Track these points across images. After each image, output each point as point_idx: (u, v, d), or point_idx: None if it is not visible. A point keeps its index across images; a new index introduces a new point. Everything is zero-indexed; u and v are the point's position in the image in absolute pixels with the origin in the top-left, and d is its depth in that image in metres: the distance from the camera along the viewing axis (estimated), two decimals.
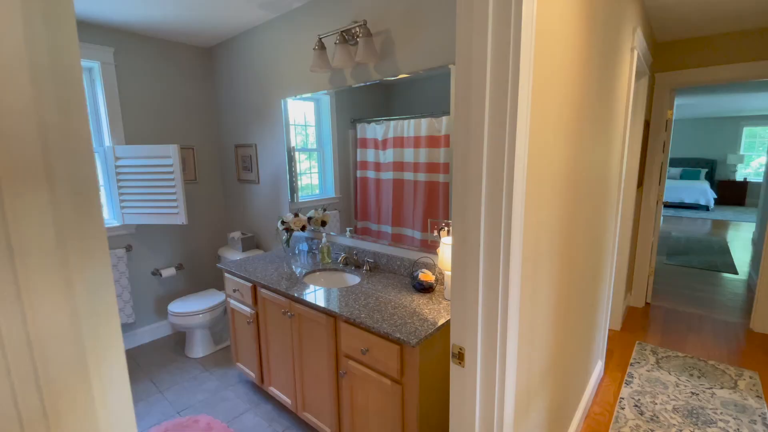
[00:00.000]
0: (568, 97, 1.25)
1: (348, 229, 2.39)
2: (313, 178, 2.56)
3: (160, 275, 3.09)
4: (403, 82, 1.86)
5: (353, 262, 2.24)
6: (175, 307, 2.77)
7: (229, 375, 2.61)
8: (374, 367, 1.52)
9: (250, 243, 3.08)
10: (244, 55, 2.91)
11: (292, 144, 2.62)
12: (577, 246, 1.56)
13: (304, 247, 2.66)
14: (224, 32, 2.87)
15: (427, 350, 1.42)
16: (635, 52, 2.11)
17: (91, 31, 2.62)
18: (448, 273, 1.69)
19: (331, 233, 2.49)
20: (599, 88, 1.60)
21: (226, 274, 2.34)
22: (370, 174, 2.02)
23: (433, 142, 1.79)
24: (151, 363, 2.78)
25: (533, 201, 1.06)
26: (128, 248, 2.93)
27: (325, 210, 2.54)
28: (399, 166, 1.95)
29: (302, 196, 2.61)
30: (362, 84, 2.08)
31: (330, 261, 2.36)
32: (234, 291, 2.31)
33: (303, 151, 2.58)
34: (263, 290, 2.06)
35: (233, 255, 3.02)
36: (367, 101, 1.97)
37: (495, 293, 0.94)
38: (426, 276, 1.80)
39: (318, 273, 2.22)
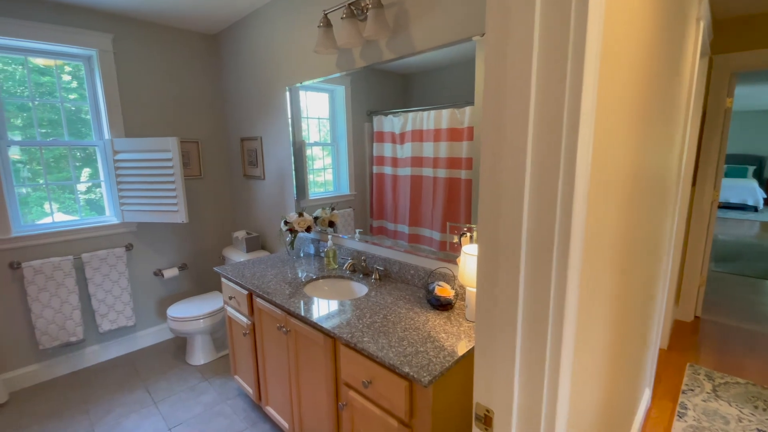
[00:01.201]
0: (636, 76, 0.94)
1: (357, 230, 2.13)
2: (327, 174, 2.32)
3: (162, 276, 2.93)
4: (423, 71, 1.62)
5: (361, 269, 1.98)
6: (175, 311, 2.59)
7: (229, 387, 2.41)
8: (379, 403, 1.25)
9: (255, 243, 2.87)
10: (248, 40, 2.69)
11: (303, 137, 2.39)
12: (634, 256, 1.25)
13: (310, 249, 2.43)
14: (228, 15, 2.65)
15: (444, 388, 1.15)
16: (701, 24, 1.74)
17: (88, 16, 2.46)
18: (471, 290, 1.41)
19: (341, 236, 2.24)
20: (665, 68, 1.27)
21: (223, 279, 2.13)
22: (387, 170, 1.83)
23: (454, 135, 1.55)
24: (150, 369, 2.62)
25: (595, 209, 0.77)
26: (128, 247, 2.78)
27: (333, 209, 2.29)
28: (417, 161, 1.71)
29: (315, 193, 2.39)
30: (373, 65, 1.82)
31: (336, 267, 2.11)
32: (230, 298, 2.09)
33: (316, 146, 2.34)
34: (259, 300, 1.83)
35: (237, 256, 2.82)
36: (384, 92, 1.77)
37: (541, 338, 0.66)
38: (443, 291, 1.52)
39: (322, 281, 1.97)
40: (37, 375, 2.46)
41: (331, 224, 2.32)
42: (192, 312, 2.57)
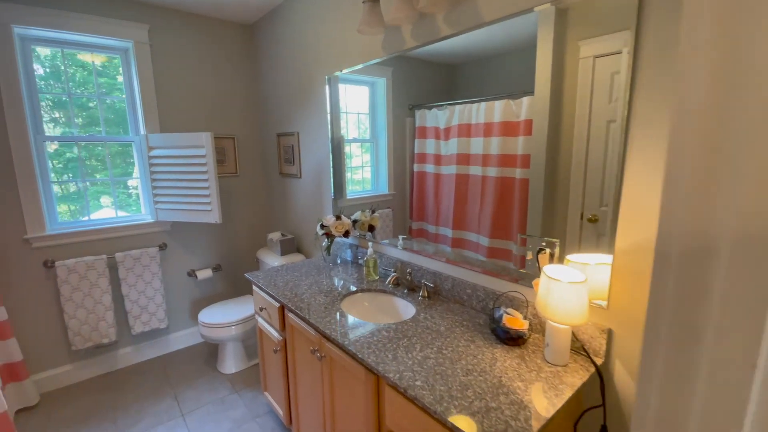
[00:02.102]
0: None
1: (401, 237, 1.87)
2: (365, 172, 2.10)
3: (196, 277, 2.82)
4: (471, 60, 1.43)
5: (406, 283, 1.71)
6: (206, 316, 2.46)
7: (258, 402, 2.23)
8: None
9: (290, 246, 2.68)
10: (286, 28, 2.49)
11: (341, 133, 2.16)
12: None
13: (348, 255, 2.19)
14: (266, 1, 2.47)
15: None
16: None
17: (124, 5, 2.36)
18: (558, 326, 1.10)
19: (381, 242, 1.98)
20: None
21: (254, 287, 1.94)
22: (429, 168, 1.67)
23: (508, 129, 1.35)
24: (180, 376, 2.50)
25: None
26: (162, 247, 2.68)
27: (374, 212, 2.05)
28: (464, 158, 1.52)
29: (352, 192, 2.18)
30: (426, 45, 1.55)
31: (377, 278, 1.85)
32: (261, 309, 1.90)
33: (355, 142, 2.13)
34: (291, 315, 1.61)
35: (271, 259, 2.64)
36: (427, 84, 1.62)
37: None
38: (514, 321, 1.22)
39: (361, 294, 1.72)
40: (68, 376, 2.41)
41: (371, 229, 2.07)
42: (223, 318, 2.42)
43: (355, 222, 2.11)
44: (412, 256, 1.79)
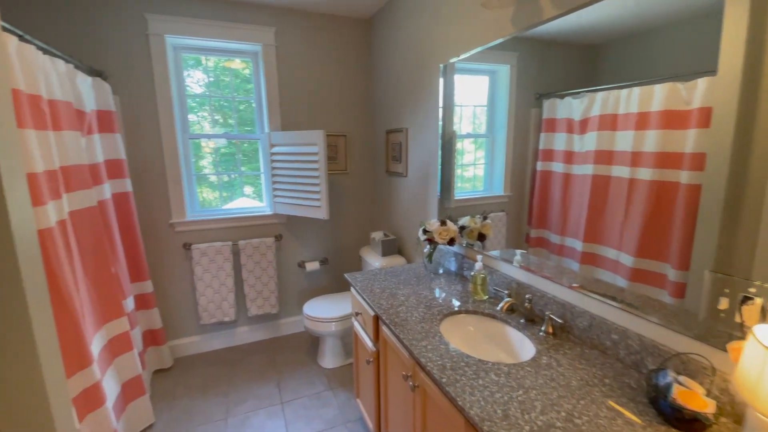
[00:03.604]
0: None
1: (518, 252, 1.56)
2: (477, 170, 1.91)
3: (305, 268, 2.93)
4: (618, 37, 1.17)
5: (524, 311, 1.40)
6: (310, 308, 2.51)
7: (351, 406, 2.17)
8: None
9: (392, 247, 2.56)
10: (401, 18, 2.35)
11: (453, 128, 1.95)
12: None
13: (452, 265, 1.96)
14: None
15: None
16: None
17: (255, 10, 2.53)
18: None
19: (491, 252, 1.70)
20: None
21: (352, 290, 1.86)
22: (557, 167, 1.43)
23: (673, 120, 1.04)
24: (284, 362, 2.62)
25: None
26: (278, 237, 2.85)
27: (485, 218, 1.77)
28: (605, 156, 1.25)
29: (460, 192, 1.99)
30: (572, 11, 1.22)
31: (485, 298, 1.58)
32: (357, 314, 1.81)
33: (468, 138, 1.90)
34: (385, 328, 1.46)
35: (373, 259, 2.57)
36: (559, 70, 1.39)
37: None
38: (690, 397, 0.83)
39: (465, 316, 1.48)
40: (197, 346, 2.73)
41: (482, 237, 1.80)
42: (325, 312, 2.44)
43: (462, 228, 1.86)
44: (534, 278, 1.46)
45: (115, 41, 2.24)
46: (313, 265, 2.94)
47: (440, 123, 2.00)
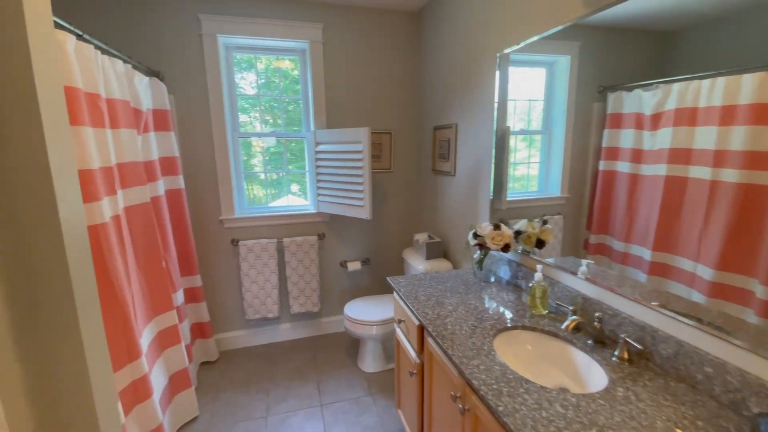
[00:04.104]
0: None
1: (584, 262, 1.39)
2: (530, 170, 1.77)
3: (346, 268, 2.88)
4: (698, 21, 1.04)
5: (592, 331, 1.23)
6: (351, 309, 2.46)
7: (391, 415, 2.08)
8: None
9: (437, 250, 2.44)
10: (453, 7, 2.22)
11: (507, 123, 1.81)
12: None
13: (504, 273, 1.80)
14: None
15: None
16: None
17: (303, 7, 2.50)
18: None
19: (546, 259, 1.53)
20: None
21: (395, 295, 1.77)
22: (623, 166, 1.32)
23: (766, 114, 0.90)
24: (325, 362, 2.59)
25: None
26: (321, 236, 2.82)
27: (545, 222, 1.61)
28: (681, 155, 1.12)
29: (511, 192, 1.86)
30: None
31: (545, 313, 1.42)
32: (400, 321, 1.71)
33: (521, 134, 1.77)
34: (431, 340, 1.35)
35: (416, 262, 2.46)
36: (626, 60, 1.28)
37: None
38: None
39: (522, 333, 1.33)
40: (241, 340, 2.78)
41: (540, 244, 1.63)
42: (366, 315, 2.37)
43: (518, 234, 1.70)
44: (604, 293, 1.28)
45: (170, 42, 2.32)
46: (354, 265, 2.88)
47: (494, 118, 1.85)
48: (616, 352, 1.14)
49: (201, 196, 2.54)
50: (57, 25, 1.23)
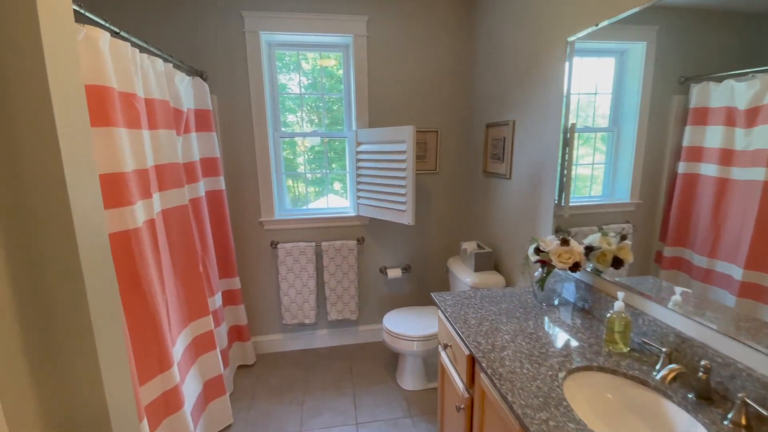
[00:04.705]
0: None
1: (678, 291, 1.13)
2: (592, 172, 1.58)
3: (386, 275, 2.73)
4: None
5: (696, 383, 0.97)
6: (390, 321, 2.30)
7: None
8: None
9: (486, 262, 2.21)
10: None
11: (571, 121, 1.57)
12: None
13: (569, 295, 1.55)
14: None
15: None
16: None
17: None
18: None
19: (618, 278, 1.27)
20: None
21: (440, 314, 1.58)
22: (708, 168, 1.16)
23: None
24: (361, 374, 2.46)
25: None
26: (360, 240, 2.69)
27: (624, 237, 1.36)
28: None
29: (573, 198, 1.64)
30: None
31: (626, 351, 1.17)
32: (446, 346, 1.52)
33: (586, 131, 1.54)
34: (485, 376, 1.15)
35: (463, 273, 2.25)
36: (712, 47, 1.10)
37: None
38: None
39: (599, 375, 1.09)
40: (278, 345, 2.72)
41: (617, 263, 1.37)
42: (407, 329, 2.20)
43: (589, 250, 1.45)
44: (708, 333, 1.02)
45: (213, 41, 2.28)
46: (395, 272, 2.72)
47: (563, 113, 1.60)
48: (729, 415, 0.88)
49: (241, 197, 2.50)
50: (90, 21, 1.17)
